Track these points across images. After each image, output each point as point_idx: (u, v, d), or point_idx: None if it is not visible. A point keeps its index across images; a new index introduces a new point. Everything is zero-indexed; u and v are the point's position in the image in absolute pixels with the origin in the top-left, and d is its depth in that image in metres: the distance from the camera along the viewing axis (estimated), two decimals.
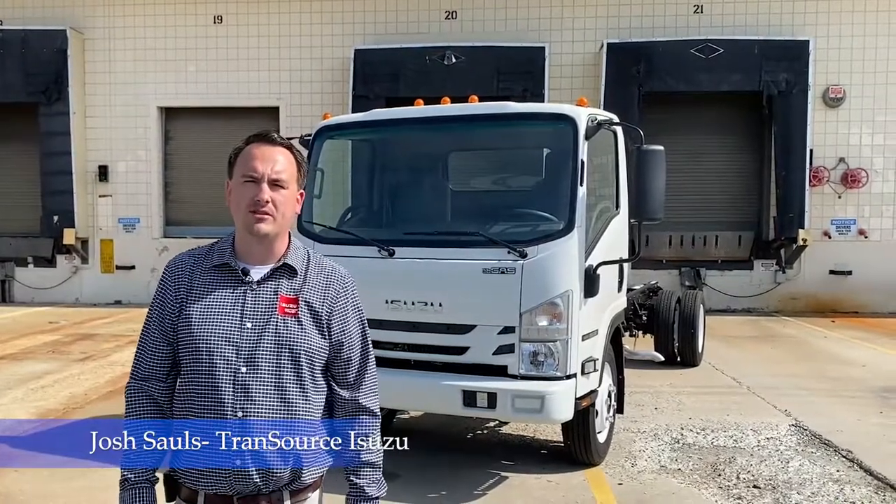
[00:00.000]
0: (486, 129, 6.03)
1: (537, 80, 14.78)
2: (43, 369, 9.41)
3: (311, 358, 2.15)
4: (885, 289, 14.90)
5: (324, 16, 16.03)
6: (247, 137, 2.20)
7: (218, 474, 2.07)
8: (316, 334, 2.16)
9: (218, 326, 2.10)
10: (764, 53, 14.55)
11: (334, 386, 2.24)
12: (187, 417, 2.11)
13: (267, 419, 2.08)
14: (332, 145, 6.30)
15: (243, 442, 2.06)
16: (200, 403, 2.09)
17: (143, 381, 2.18)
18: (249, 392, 2.07)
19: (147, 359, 2.18)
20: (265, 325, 2.10)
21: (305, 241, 5.78)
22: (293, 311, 2.14)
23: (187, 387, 2.13)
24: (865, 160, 15.11)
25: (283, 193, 2.13)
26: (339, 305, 2.22)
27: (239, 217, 2.15)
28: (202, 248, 2.26)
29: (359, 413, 2.26)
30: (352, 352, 2.24)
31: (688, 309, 9.67)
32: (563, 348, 5.09)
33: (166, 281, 2.21)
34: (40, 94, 15.85)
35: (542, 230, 5.32)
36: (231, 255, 2.18)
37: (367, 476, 2.26)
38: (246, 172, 2.12)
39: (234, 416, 2.06)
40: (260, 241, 2.15)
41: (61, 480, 5.58)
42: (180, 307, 2.15)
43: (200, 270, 2.18)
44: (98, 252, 16.56)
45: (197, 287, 2.16)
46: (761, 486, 5.44)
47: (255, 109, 16.09)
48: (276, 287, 2.15)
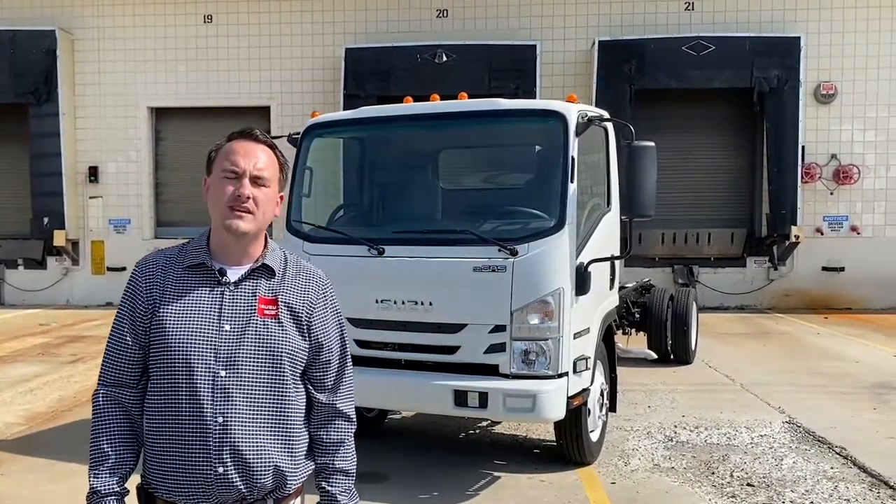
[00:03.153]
0: (476, 127, 5.98)
1: (529, 78, 14.78)
2: (33, 372, 9.34)
3: (293, 360, 2.08)
4: (877, 285, 14.92)
5: (314, 15, 16.00)
6: (229, 133, 2.12)
7: (198, 484, 1.98)
8: (297, 336, 2.09)
9: (195, 329, 2.01)
10: (755, 50, 14.56)
11: (311, 390, 2.17)
12: (162, 424, 2.01)
13: (249, 424, 2.00)
14: (320, 143, 6.24)
15: (225, 448, 1.97)
16: (177, 409, 1.99)
17: (112, 387, 2.08)
18: (230, 396, 1.99)
19: (117, 364, 2.08)
20: (245, 327, 2.02)
21: (294, 240, 5.74)
22: (273, 312, 2.06)
23: (162, 393, 2.02)
24: (857, 156, 15.15)
25: (264, 192, 2.06)
26: (318, 307, 2.15)
27: (217, 213, 2.07)
28: (173, 248, 2.17)
29: (335, 418, 2.20)
30: (331, 354, 2.18)
31: (681, 306, 9.65)
32: (555, 347, 5.05)
33: (137, 282, 2.10)
34: (29, 95, 15.78)
35: (532, 228, 5.27)
36: (206, 255, 2.09)
37: (340, 484, 2.20)
38: (227, 168, 2.05)
39: (214, 422, 1.97)
40: (237, 241, 2.07)
41: (48, 483, 5.53)
42: (153, 309, 2.05)
43: (174, 271, 2.09)
44: (89, 253, 16.49)
45: (171, 288, 2.06)
46: (755, 484, 5.42)
47: (246, 109, 16.03)
48: (254, 288, 2.07)
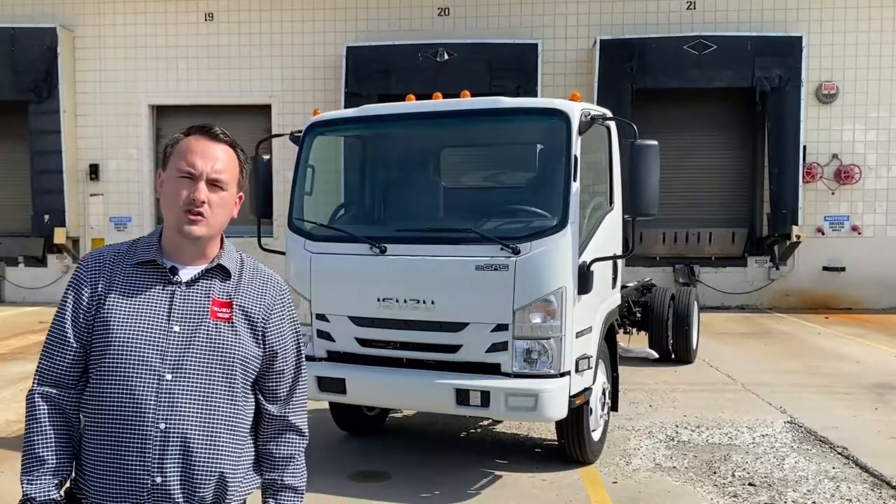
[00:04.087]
0: (478, 125, 5.96)
1: (530, 76, 14.77)
2: (32, 370, 9.23)
3: (245, 367, 1.99)
4: (878, 284, 14.92)
5: (316, 13, 15.98)
6: (188, 128, 2.01)
7: (132, 493, 1.88)
8: (251, 342, 2.00)
9: (141, 329, 1.91)
10: (757, 49, 14.55)
11: (262, 400, 2.07)
12: (99, 428, 1.91)
13: (193, 432, 1.90)
14: (322, 142, 6.22)
15: (166, 457, 1.87)
16: (116, 413, 1.88)
17: (49, 387, 1.97)
18: (174, 402, 1.89)
19: (55, 363, 1.97)
20: (195, 329, 1.93)
21: (296, 237, 5.73)
22: (227, 315, 1.97)
23: (101, 395, 1.91)
24: (858, 156, 15.14)
25: (221, 195, 1.96)
26: (275, 313, 2.06)
27: (171, 214, 1.96)
28: (123, 243, 2.07)
29: (286, 431, 2.11)
30: (286, 363, 2.09)
31: (682, 306, 9.65)
32: (557, 346, 5.04)
33: (81, 276, 2.00)
34: (30, 93, 15.79)
35: (535, 226, 5.26)
36: (158, 252, 2.00)
37: (289, 501, 2.11)
38: (183, 167, 1.94)
39: (156, 428, 1.87)
40: (191, 241, 1.98)
41: None
42: (97, 306, 1.95)
43: (122, 267, 1.99)
44: (89, 251, 16.44)
45: (117, 285, 1.96)
46: (757, 484, 5.41)
47: (246, 107, 16.03)
48: (207, 289, 1.98)
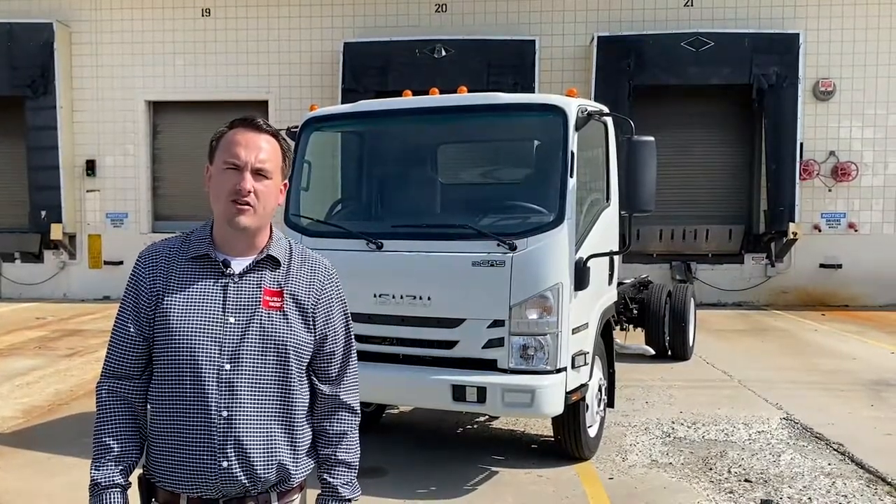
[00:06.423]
0: (475, 120, 5.95)
1: (527, 73, 14.75)
2: (29, 365, 9.31)
3: (299, 353, 2.06)
4: (875, 282, 14.92)
5: (313, 9, 15.94)
6: (231, 121, 2.09)
7: (203, 477, 1.97)
8: (302, 328, 2.07)
9: (199, 321, 1.99)
10: (754, 46, 14.53)
11: (315, 381, 2.15)
12: (166, 417, 2.00)
13: (253, 418, 1.99)
14: (319, 137, 6.22)
15: (229, 442, 1.96)
16: (181, 403, 1.98)
17: (116, 379, 2.06)
18: (234, 390, 1.97)
19: (121, 356, 2.06)
20: (249, 319, 2.00)
21: (292, 234, 5.72)
22: (278, 304, 2.04)
23: (165, 385, 2.01)
24: (856, 153, 15.13)
25: (266, 184, 2.02)
26: (324, 297, 2.12)
27: (219, 206, 2.03)
28: (176, 238, 2.13)
29: (339, 409, 2.18)
30: (336, 345, 2.16)
31: (678, 303, 9.65)
32: (554, 342, 5.04)
33: (141, 272, 2.07)
34: (26, 88, 15.70)
35: (531, 222, 5.26)
36: (210, 246, 2.06)
37: (342, 476, 2.17)
38: (228, 159, 2.00)
39: (219, 416, 1.96)
40: (240, 233, 2.03)
41: (45, 477, 5.53)
42: (157, 300, 2.02)
43: (177, 261, 2.06)
44: (86, 247, 16.43)
45: (175, 279, 2.04)
46: (753, 480, 5.42)
47: (244, 103, 15.93)
48: (259, 279, 2.05)
